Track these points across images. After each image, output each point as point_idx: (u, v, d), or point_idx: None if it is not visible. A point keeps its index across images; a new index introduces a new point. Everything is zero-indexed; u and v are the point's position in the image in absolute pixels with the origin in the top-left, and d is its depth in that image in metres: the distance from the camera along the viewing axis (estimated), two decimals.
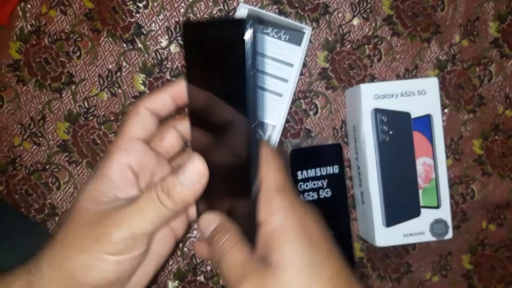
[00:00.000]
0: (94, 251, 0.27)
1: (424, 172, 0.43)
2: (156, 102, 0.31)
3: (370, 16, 0.47)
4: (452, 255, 0.49)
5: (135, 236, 0.28)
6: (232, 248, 0.28)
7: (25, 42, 0.45)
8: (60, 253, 0.28)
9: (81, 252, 0.27)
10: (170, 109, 0.32)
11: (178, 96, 0.31)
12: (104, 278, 0.27)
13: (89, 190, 0.29)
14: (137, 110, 0.31)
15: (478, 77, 0.49)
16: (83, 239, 0.28)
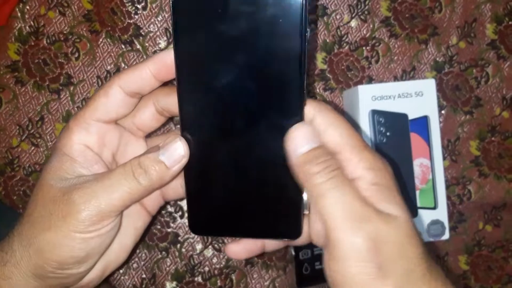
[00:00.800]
0: (60, 228, 0.27)
1: (421, 173, 0.44)
2: (133, 80, 0.28)
3: (367, 18, 0.47)
4: (449, 255, 0.50)
5: (103, 214, 0.27)
6: (347, 181, 0.26)
7: (23, 43, 0.45)
8: (28, 230, 0.28)
9: (48, 230, 0.27)
10: (153, 86, 0.29)
11: (161, 71, 0.28)
12: (71, 255, 0.27)
13: (52, 167, 0.28)
14: (107, 90, 0.28)
15: (475, 79, 0.49)
16: (49, 217, 0.27)
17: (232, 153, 0.27)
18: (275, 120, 0.26)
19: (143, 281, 0.46)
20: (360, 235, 0.24)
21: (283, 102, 0.25)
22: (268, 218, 0.28)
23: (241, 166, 0.27)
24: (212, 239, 0.46)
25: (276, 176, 0.27)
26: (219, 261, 0.46)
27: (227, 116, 0.26)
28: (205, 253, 0.46)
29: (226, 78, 0.25)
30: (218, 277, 0.47)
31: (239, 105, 0.26)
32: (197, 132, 0.27)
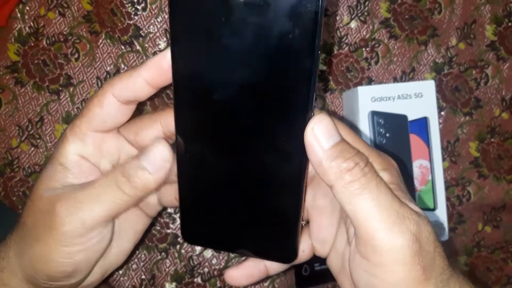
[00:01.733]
0: (47, 242, 0.26)
1: (420, 174, 0.44)
2: (126, 88, 0.26)
3: (367, 19, 0.47)
4: (448, 257, 0.49)
5: (87, 226, 0.25)
6: (378, 178, 0.23)
7: (23, 44, 0.45)
8: (22, 240, 0.27)
9: (37, 242, 0.26)
10: (148, 93, 0.26)
11: (156, 78, 0.25)
12: (58, 270, 0.26)
13: (45, 176, 0.27)
14: (101, 99, 0.26)
15: (474, 80, 0.49)
16: (37, 228, 0.26)
17: (229, 165, 0.25)
18: (277, 137, 0.24)
19: (142, 282, 0.46)
20: (404, 236, 0.22)
21: (287, 120, 0.23)
22: (262, 237, 0.26)
23: (239, 179, 0.25)
24: None
25: (274, 195, 0.25)
26: (218, 262, 0.46)
27: (226, 127, 0.24)
28: (205, 254, 0.46)
29: (226, 88, 0.24)
30: (218, 278, 0.47)
31: (239, 118, 0.24)
32: (193, 140, 0.25)
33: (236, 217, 0.26)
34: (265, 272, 0.30)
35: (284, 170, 0.24)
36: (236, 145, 0.25)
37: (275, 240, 0.26)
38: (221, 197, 0.26)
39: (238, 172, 0.25)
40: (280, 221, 0.26)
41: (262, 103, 0.23)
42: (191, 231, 0.27)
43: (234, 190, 0.26)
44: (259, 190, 0.25)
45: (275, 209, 0.25)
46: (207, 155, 0.25)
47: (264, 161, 0.24)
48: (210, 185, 0.26)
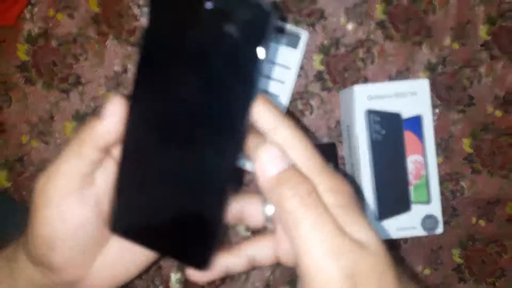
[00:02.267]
0: (31, 218, 0.27)
1: (414, 169, 0.45)
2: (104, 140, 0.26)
3: (364, 21, 0.48)
4: (443, 249, 0.50)
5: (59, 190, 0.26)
6: (322, 207, 0.23)
7: (32, 44, 0.46)
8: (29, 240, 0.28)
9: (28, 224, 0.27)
10: None
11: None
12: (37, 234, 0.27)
13: None
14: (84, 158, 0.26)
15: (468, 79, 0.50)
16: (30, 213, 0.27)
17: (162, 162, 0.26)
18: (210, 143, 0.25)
19: (148, 272, 0.47)
20: (338, 269, 0.22)
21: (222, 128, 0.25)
22: (181, 240, 0.27)
23: (168, 178, 0.26)
24: None
25: (197, 201, 0.26)
26: None
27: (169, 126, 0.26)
28: None
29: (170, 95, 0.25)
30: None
31: (179, 120, 0.25)
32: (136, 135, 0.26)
33: (160, 215, 0.27)
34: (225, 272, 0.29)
35: (208, 178, 0.25)
36: (171, 143, 0.26)
37: (191, 245, 0.27)
38: (151, 194, 0.27)
39: (169, 171, 0.26)
40: (199, 228, 0.26)
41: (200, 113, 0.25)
42: (119, 222, 0.27)
43: (163, 188, 0.27)
44: (184, 194, 0.26)
45: (196, 215, 0.26)
46: (146, 151, 0.26)
47: (192, 165, 0.26)
48: (143, 179, 0.27)
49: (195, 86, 0.25)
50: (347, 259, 0.23)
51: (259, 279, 0.48)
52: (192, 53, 0.25)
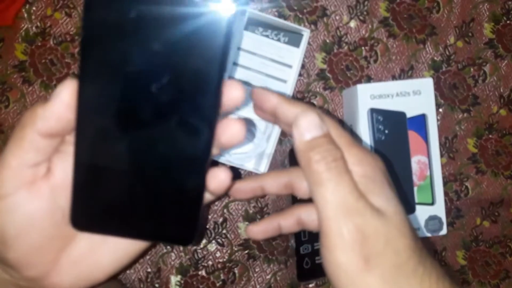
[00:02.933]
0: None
1: (419, 169, 0.45)
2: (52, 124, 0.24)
3: (366, 19, 0.48)
4: (447, 250, 0.50)
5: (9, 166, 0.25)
6: (345, 173, 0.26)
7: (30, 43, 0.46)
8: None
9: None
10: None
11: None
12: None
13: None
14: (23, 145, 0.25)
15: (472, 77, 0.50)
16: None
17: (127, 143, 0.25)
18: (177, 118, 0.24)
19: (148, 275, 0.47)
20: (347, 226, 0.25)
21: (193, 101, 0.24)
22: (159, 221, 0.26)
23: (135, 159, 0.25)
24: (215, 234, 0.47)
25: (173, 177, 0.25)
26: (222, 255, 0.47)
27: (127, 105, 0.24)
28: (209, 247, 0.47)
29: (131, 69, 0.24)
30: (221, 270, 0.48)
31: (140, 93, 0.24)
32: (92, 116, 0.24)
33: (129, 199, 0.26)
34: (279, 230, 0.33)
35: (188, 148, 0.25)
36: (136, 125, 0.25)
37: (172, 223, 0.26)
38: (114, 179, 0.25)
39: (137, 152, 0.25)
40: (179, 205, 0.26)
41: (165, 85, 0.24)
42: (82, 214, 0.26)
43: (132, 172, 0.25)
44: (158, 172, 0.25)
45: (174, 192, 0.25)
46: (105, 134, 0.25)
47: (165, 144, 0.25)
48: (106, 164, 0.25)
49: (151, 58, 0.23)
50: (359, 219, 0.25)
51: (261, 281, 0.48)
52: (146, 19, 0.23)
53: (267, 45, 0.44)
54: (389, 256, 0.25)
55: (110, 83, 0.24)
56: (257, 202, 0.48)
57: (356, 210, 0.25)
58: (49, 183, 0.26)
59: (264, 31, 0.44)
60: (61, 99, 0.24)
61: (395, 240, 0.25)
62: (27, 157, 0.25)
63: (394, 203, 0.26)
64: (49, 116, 0.24)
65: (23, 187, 0.25)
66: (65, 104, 0.24)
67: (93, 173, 0.25)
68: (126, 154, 0.25)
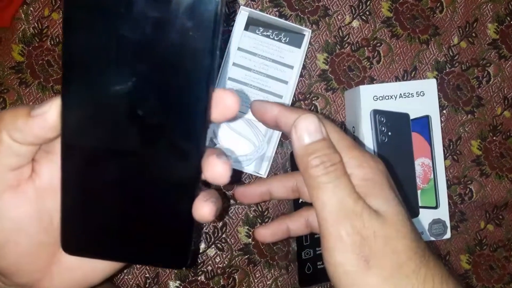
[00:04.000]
0: None
1: (422, 172, 0.44)
2: None
3: (369, 19, 0.48)
4: (451, 255, 0.50)
5: None
6: (343, 176, 0.26)
7: (27, 44, 0.46)
8: None
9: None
10: None
11: None
12: None
13: None
14: None
15: (476, 79, 0.49)
16: None
17: (116, 169, 0.24)
18: (168, 140, 0.23)
19: (146, 281, 0.46)
20: (346, 228, 0.25)
21: (181, 123, 0.23)
22: (152, 245, 0.25)
23: (126, 184, 0.24)
24: (215, 238, 0.47)
25: (164, 201, 0.25)
26: (222, 260, 0.47)
27: (115, 129, 0.23)
28: (208, 252, 0.47)
29: (118, 86, 0.23)
30: (221, 276, 0.47)
31: (130, 118, 0.23)
32: (79, 140, 0.24)
33: (124, 224, 0.25)
34: (287, 233, 0.34)
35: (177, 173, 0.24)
36: (124, 148, 0.24)
37: (166, 248, 0.25)
38: (107, 202, 0.25)
39: (127, 176, 0.24)
40: (171, 229, 0.25)
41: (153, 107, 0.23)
42: (73, 239, 0.25)
43: (123, 196, 0.25)
44: (149, 197, 0.25)
45: (166, 216, 0.25)
46: (93, 157, 0.24)
47: (154, 167, 0.24)
48: (96, 189, 0.25)
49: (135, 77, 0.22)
50: (357, 221, 0.25)
51: (261, 287, 0.47)
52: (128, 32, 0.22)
53: (268, 46, 0.44)
54: (388, 257, 0.25)
55: (94, 104, 0.23)
56: (257, 206, 0.47)
57: (354, 213, 0.26)
58: (35, 185, 0.25)
59: (265, 31, 0.44)
60: (44, 119, 0.23)
61: (394, 241, 0.26)
62: (7, 162, 0.24)
63: (394, 204, 0.27)
64: (28, 132, 0.23)
65: (7, 191, 0.24)
66: (47, 125, 0.23)
67: (82, 198, 0.25)
68: (114, 178, 0.24)
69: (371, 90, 0.43)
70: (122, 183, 0.24)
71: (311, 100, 0.48)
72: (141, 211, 0.25)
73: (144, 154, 0.24)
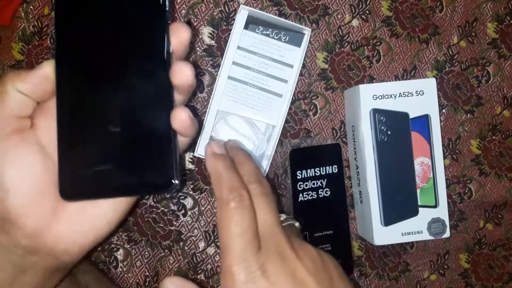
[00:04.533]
0: None
1: (422, 171, 0.44)
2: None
3: (369, 18, 0.48)
4: (450, 254, 0.50)
5: None
6: None
7: (27, 43, 0.46)
8: None
9: None
10: None
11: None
12: None
13: None
14: None
15: (476, 78, 0.49)
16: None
17: (100, 105, 0.28)
18: (138, 63, 0.28)
19: (146, 279, 0.46)
20: None
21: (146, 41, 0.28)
22: (138, 172, 0.28)
23: (110, 119, 0.28)
24: (214, 237, 0.47)
25: (144, 123, 0.28)
26: None
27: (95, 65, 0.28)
28: (208, 251, 0.47)
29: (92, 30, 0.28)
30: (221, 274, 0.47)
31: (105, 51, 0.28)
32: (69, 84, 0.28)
33: (111, 160, 0.28)
34: None
35: (151, 89, 0.28)
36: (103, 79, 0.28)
37: (151, 170, 0.28)
38: (95, 141, 0.28)
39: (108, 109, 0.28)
40: (154, 148, 0.28)
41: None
42: (70, 184, 0.28)
43: (106, 130, 0.28)
44: (130, 126, 0.28)
45: (147, 142, 0.28)
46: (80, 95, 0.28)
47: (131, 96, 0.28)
48: (85, 130, 0.28)
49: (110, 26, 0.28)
50: None
51: None
52: None
53: (268, 44, 0.44)
54: None
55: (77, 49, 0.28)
56: None
57: None
58: (35, 135, 0.28)
59: (265, 30, 0.44)
60: (43, 70, 0.27)
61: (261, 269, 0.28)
62: (12, 108, 0.27)
63: None
64: (29, 82, 0.27)
65: (13, 134, 0.27)
66: (44, 75, 0.27)
67: (74, 142, 0.28)
68: (99, 114, 0.28)
69: (371, 89, 0.43)
70: (106, 118, 0.28)
71: (311, 99, 0.48)
72: (125, 141, 0.28)
73: (122, 81, 0.28)
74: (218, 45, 0.46)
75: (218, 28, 0.46)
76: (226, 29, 0.46)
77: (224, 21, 0.46)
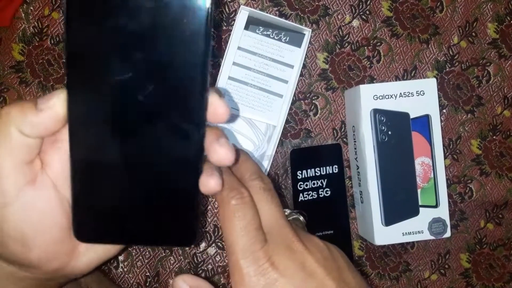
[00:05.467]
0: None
1: (422, 171, 0.44)
2: None
3: (369, 18, 0.48)
4: (451, 253, 0.50)
5: None
6: None
7: (27, 43, 0.46)
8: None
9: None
10: None
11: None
12: None
13: None
14: None
15: (476, 78, 0.49)
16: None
17: (122, 154, 0.25)
18: (170, 122, 0.25)
19: (147, 279, 0.46)
20: None
21: (182, 105, 0.25)
22: (160, 225, 0.27)
23: (133, 168, 0.26)
24: (215, 238, 0.47)
25: (170, 181, 0.26)
26: (222, 259, 0.47)
27: (120, 114, 0.25)
28: (208, 251, 0.47)
29: (120, 76, 0.24)
30: (221, 275, 0.47)
31: (133, 103, 0.24)
32: (86, 128, 0.25)
33: (132, 207, 0.26)
34: None
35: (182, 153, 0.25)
36: (129, 133, 0.25)
37: (173, 227, 0.27)
38: (115, 187, 0.26)
39: (133, 160, 0.26)
40: (177, 208, 0.26)
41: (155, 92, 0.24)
42: (85, 226, 0.26)
43: (129, 180, 0.26)
44: (155, 179, 0.26)
45: (171, 196, 0.26)
46: (100, 143, 0.25)
47: (158, 149, 0.25)
48: (103, 174, 0.26)
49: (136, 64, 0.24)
50: None
51: None
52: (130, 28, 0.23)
53: (268, 45, 0.44)
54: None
55: (98, 91, 0.24)
56: None
57: None
58: (48, 175, 0.26)
59: (265, 30, 0.44)
60: (54, 111, 0.24)
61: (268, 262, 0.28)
62: (21, 156, 0.25)
63: None
64: (38, 126, 0.24)
65: (27, 185, 0.25)
66: (56, 117, 0.24)
67: (91, 185, 0.26)
68: (121, 162, 0.25)
69: (371, 89, 0.43)
70: (129, 167, 0.25)
71: (311, 99, 0.48)
72: (148, 193, 0.26)
73: (149, 137, 0.25)
74: (218, 45, 0.46)
75: (218, 28, 0.46)
76: (226, 30, 0.46)
77: (224, 21, 0.46)
